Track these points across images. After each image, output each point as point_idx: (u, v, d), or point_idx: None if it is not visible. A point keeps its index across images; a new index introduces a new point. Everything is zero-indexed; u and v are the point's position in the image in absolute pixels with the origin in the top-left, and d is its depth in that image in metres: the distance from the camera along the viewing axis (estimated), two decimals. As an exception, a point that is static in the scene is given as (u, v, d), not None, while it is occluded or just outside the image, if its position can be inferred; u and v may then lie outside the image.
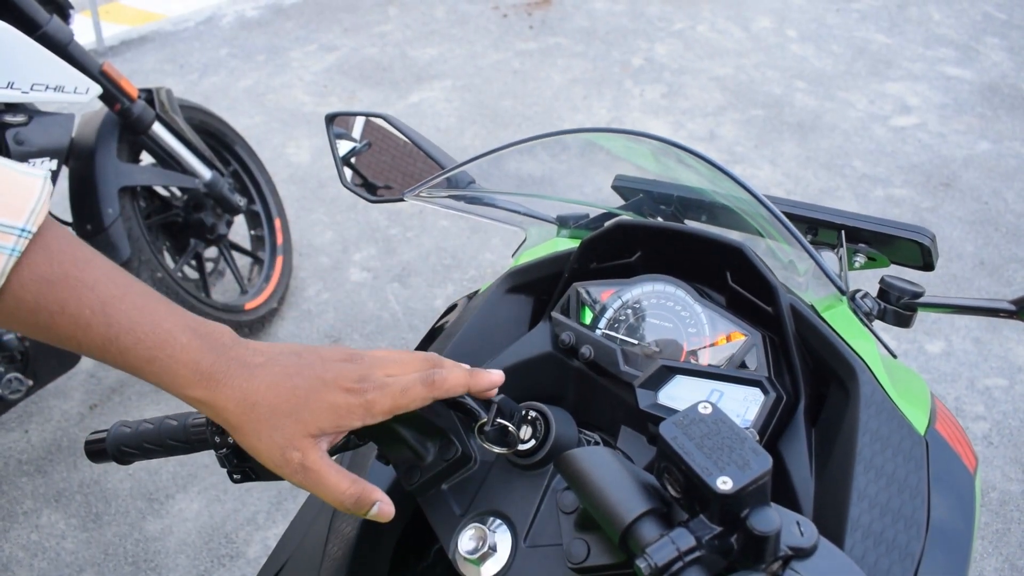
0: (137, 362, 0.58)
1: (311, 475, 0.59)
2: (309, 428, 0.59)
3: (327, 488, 0.60)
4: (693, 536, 0.48)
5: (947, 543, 0.64)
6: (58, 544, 2.04)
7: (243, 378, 0.59)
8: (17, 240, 0.53)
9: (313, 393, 0.59)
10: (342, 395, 0.59)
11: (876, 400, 0.68)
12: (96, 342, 0.57)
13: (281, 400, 0.59)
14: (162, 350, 0.57)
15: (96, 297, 0.56)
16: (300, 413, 0.59)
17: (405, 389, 0.61)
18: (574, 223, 1.05)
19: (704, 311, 0.79)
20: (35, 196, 0.55)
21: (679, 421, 0.50)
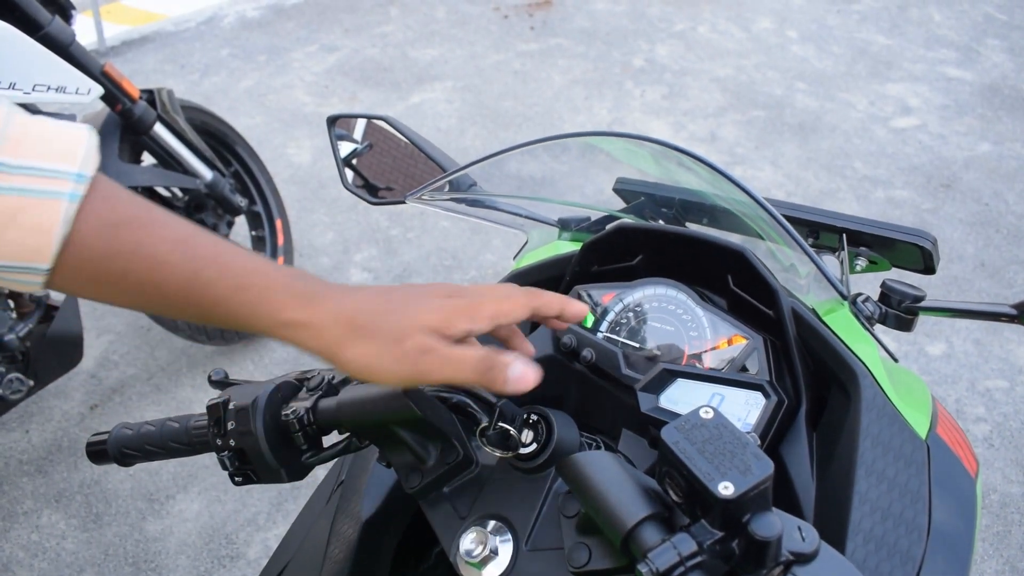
0: (225, 292, 0.54)
1: (434, 354, 0.55)
2: (416, 324, 0.56)
3: (459, 359, 0.56)
4: (695, 541, 0.48)
5: (948, 547, 0.64)
6: (58, 544, 2.04)
7: (340, 295, 0.57)
8: (75, 186, 0.50)
9: (414, 299, 0.57)
10: (445, 299, 0.58)
11: (877, 404, 0.69)
12: (178, 279, 0.54)
13: (383, 307, 0.56)
14: (251, 277, 0.55)
15: (171, 234, 0.54)
16: (406, 312, 0.56)
17: (508, 295, 0.60)
18: (575, 226, 1.05)
19: (705, 314, 0.79)
20: (84, 142, 0.52)
21: (681, 426, 0.50)
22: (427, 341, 0.56)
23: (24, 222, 0.49)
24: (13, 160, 0.49)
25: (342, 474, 0.87)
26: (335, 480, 0.88)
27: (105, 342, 2.64)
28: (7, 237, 0.49)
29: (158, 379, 2.50)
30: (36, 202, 0.49)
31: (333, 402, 0.69)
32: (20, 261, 0.50)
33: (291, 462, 0.70)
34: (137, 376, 2.52)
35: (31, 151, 0.50)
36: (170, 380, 2.50)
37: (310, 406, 0.70)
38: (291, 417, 0.69)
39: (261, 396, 0.70)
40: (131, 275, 0.53)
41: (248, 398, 0.70)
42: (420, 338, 0.56)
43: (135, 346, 2.62)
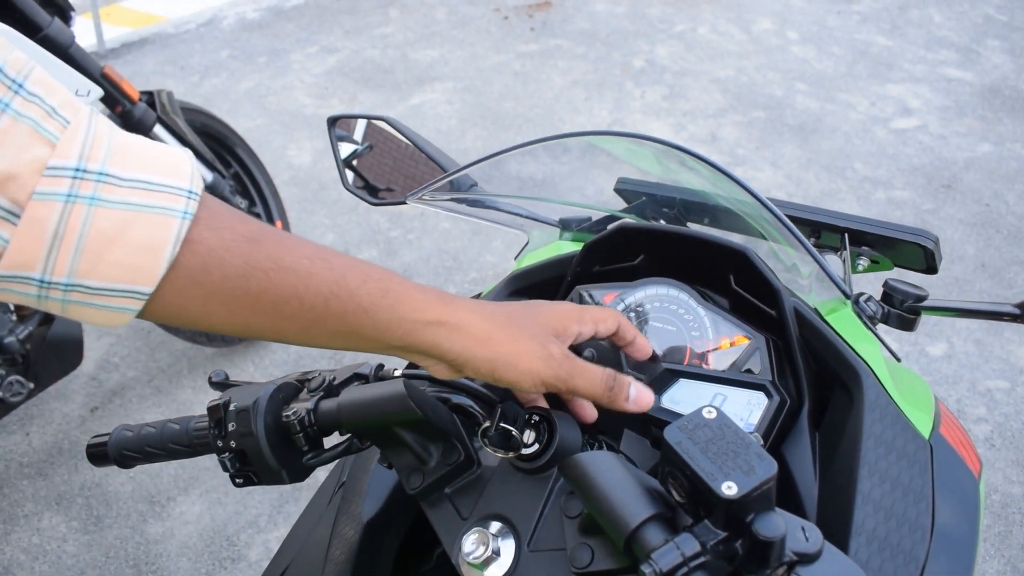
0: (370, 298, 0.54)
1: (574, 362, 0.61)
2: (546, 327, 0.61)
3: (592, 373, 0.61)
4: (698, 541, 0.48)
5: (951, 547, 0.64)
6: (59, 547, 2.04)
7: (474, 302, 0.60)
8: (188, 203, 0.47)
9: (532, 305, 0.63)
10: (554, 305, 0.64)
11: (880, 404, 0.68)
12: (321, 290, 0.52)
13: (513, 309, 0.61)
14: (392, 281, 0.56)
15: (307, 247, 0.53)
16: (534, 315, 0.61)
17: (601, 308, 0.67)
18: (576, 226, 1.05)
19: (707, 314, 0.79)
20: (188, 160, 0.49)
21: (684, 426, 0.50)
22: (565, 348, 0.61)
23: (133, 239, 0.45)
24: (124, 172, 0.46)
25: (343, 475, 0.87)
26: (336, 481, 0.88)
27: (105, 344, 2.64)
28: (112, 257, 0.45)
29: (158, 381, 2.50)
30: (148, 217, 0.45)
31: (334, 403, 0.69)
32: (121, 283, 0.46)
33: (292, 463, 0.70)
34: (137, 378, 2.52)
35: (140, 164, 0.47)
36: (170, 382, 2.49)
37: (311, 407, 0.69)
38: (292, 418, 0.69)
39: (262, 397, 0.70)
40: (269, 291, 0.51)
41: (249, 399, 0.70)
42: (555, 343, 0.61)
43: (135, 348, 2.62)
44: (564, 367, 0.60)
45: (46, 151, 0.43)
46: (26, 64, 0.45)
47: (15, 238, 0.43)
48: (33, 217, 0.43)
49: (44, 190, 0.43)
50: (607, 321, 0.66)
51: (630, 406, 0.63)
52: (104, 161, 0.45)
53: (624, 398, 0.62)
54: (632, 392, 0.63)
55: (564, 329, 0.62)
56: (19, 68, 0.44)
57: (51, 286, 0.45)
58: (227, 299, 0.50)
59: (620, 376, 0.63)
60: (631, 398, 0.63)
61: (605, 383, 0.62)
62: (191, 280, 0.48)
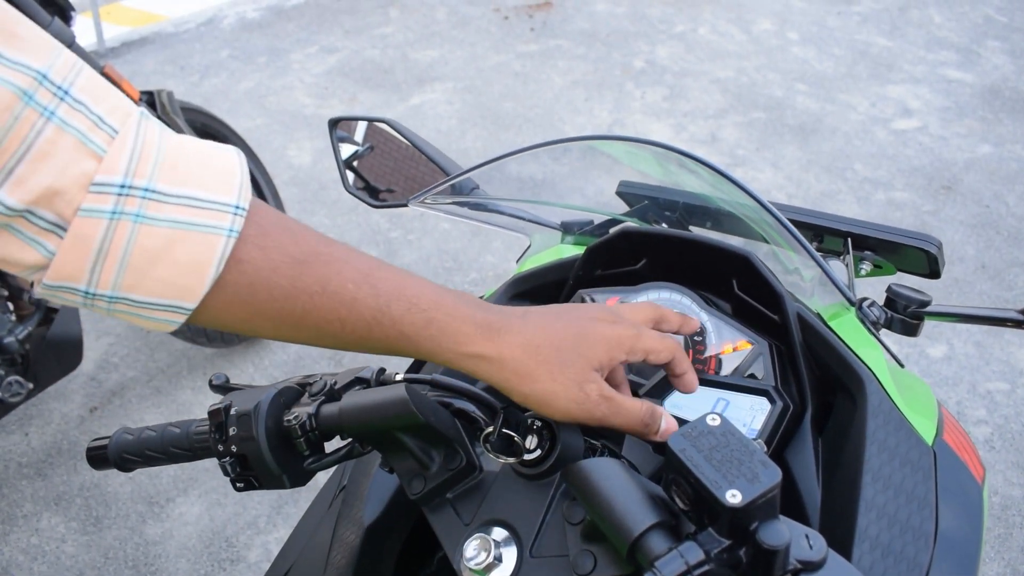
0: (413, 328, 0.54)
1: (613, 403, 0.59)
2: (591, 362, 0.59)
3: (628, 411, 0.60)
4: (702, 549, 0.47)
5: (955, 554, 0.63)
6: (58, 548, 2.03)
7: (520, 324, 0.58)
8: (234, 219, 0.47)
9: (585, 328, 0.59)
10: (610, 327, 0.60)
11: (884, 410, 0.68)
12: (364, 317, 0.53)
13: (561, 339, 0.58)
14: (438, 310, 0.55)
15: (355, 269, 0.53)
16: (581, 348, 0.58)
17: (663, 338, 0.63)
18: (578, 229, 1.05)
19: (710, 319, 0.79)
20: (238, 168, 0.49)
21: (688, 433, 0.50)
22: (605, 388, 0.59)
23: (179, 258, 0.46)
24: (170, 188, 0.46)
25: (344, 479, 0.87)
26: (337, 485, 0.87)
27: (105, 344, 2.63)
28: (157, 274, 0.46)
29: (158, 381, 2.50)
30: (193, 236, 0.45)
31: (335, 408, 0.68)
32: (166, 299, 0.47)
33: (293, 468, 0.70)
34: (137, 378, 2.51)
35: (187, 177, 0.46)
36: (170, 382, 2.49)
37: (312, 412, 0.69)
38: (293, 423, 0.68)
39: (263, 402, 0.69)
40: (313, 314, 0.52)
41: (250, 403, 0.69)
42: (598, 382, 0.59)
43: (135, 348, 2.62)
44: (600, 409, 0.59)
45: (92, 165, 0.43)
46: (73, 67, 0.44)
47: (61, 251, 0.44)
48: (78, 233, 0.43)
49: (90, 207, 0.43)
50: (661, 353, 0.63)
51: (659, 438, 0.63)
52: (151, 176, 0.45)
53: (655, 432, 0.62)
54: (663, 425, 0.62)
55: (611, 360, 0.60)
56: (65, 73, 0.43)
57: (96, 297, 0.46)
58: (272, 317, 0.51)
59: (656, 410, 0.62)
60: (662, 431, 0.62)
61: (642, 420, 0.61)
62: (236, 297, 0.49)
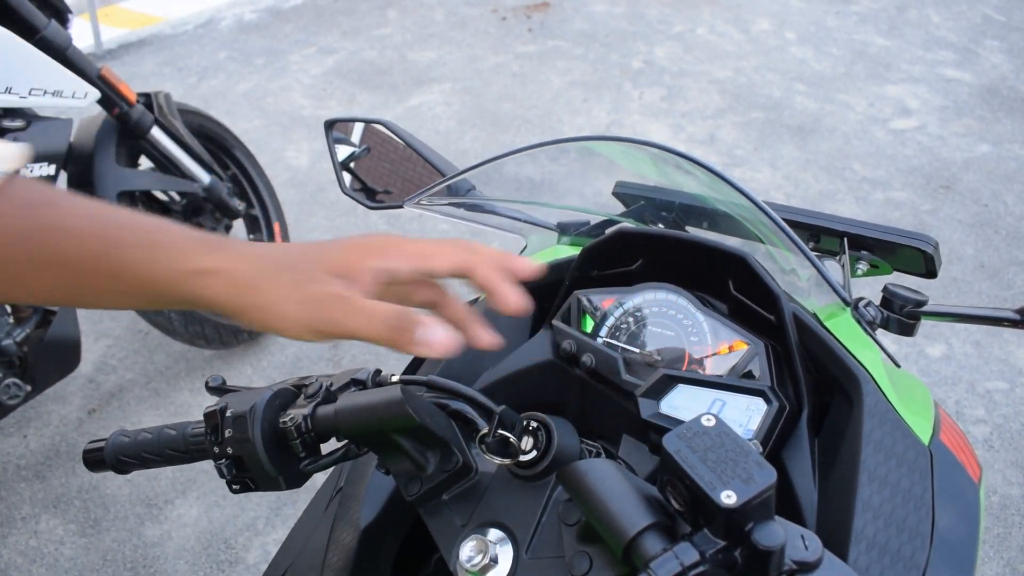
0: (140, 253, 0.54)
1: (343, 303, 0.52)
2: (329, 266, 0.53)
3: (365, 312, 0.52)
4: (697, 550, 0.47)
5: (952, 554, 0.63)
6: (56, 550, 2.03)
7: (248, 245, 0.55)
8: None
9: (321, 245, 0.55)
10: (363, 239, 0.55)
11: (880, 410, 0.68)
12: (89, 247, 0.54)
13: (296, 249, 0.54)
14: (164, 234, 0.55)
15: (86, 209, 0.55)
16: (315, 254, 0.54)
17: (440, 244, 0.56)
18: (575, 230, 1.05)
19: (706, 319, 0.78)
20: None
21: (683, 434, 0.50)
22: (335, 288, 0.52)
23: None
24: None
25: (340, 481, 0.87)
26: (333, 487, 0.87)
27: (103, 346, 2.63)
28: None
29: (156, 383, 2.50)
30: None
31: (331, 409, 0.68)
32: None
33: (289, 469, 0.70)
34: (135, 380, 2.51)
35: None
36: (168, 384, 2.49)
37: (308, 413, 0.69)
38: (289, 424, 0.68)
39: (259, 403, 0.69)
40: (43, 251, 0.54)
41: (246, 405, 0.69)
42: (328, 283, 0.52)
43: (133, 350, 2.62)
44: (328, 311, 0.52)
45: None
46: None
47: None
48: None
49: None
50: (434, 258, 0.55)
51: (419, 349, 0.53)
52: None
53: (409, 340, 0.52)
54: (423, 334, 0.53)
55: (359, 263, 0.53)
56: None
57: None
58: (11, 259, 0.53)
59: (409, 314, 0.52)
60: (418, 340, 0.53)
61: (387, 322, 0.52)
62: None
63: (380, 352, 2.58)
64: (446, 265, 0.56)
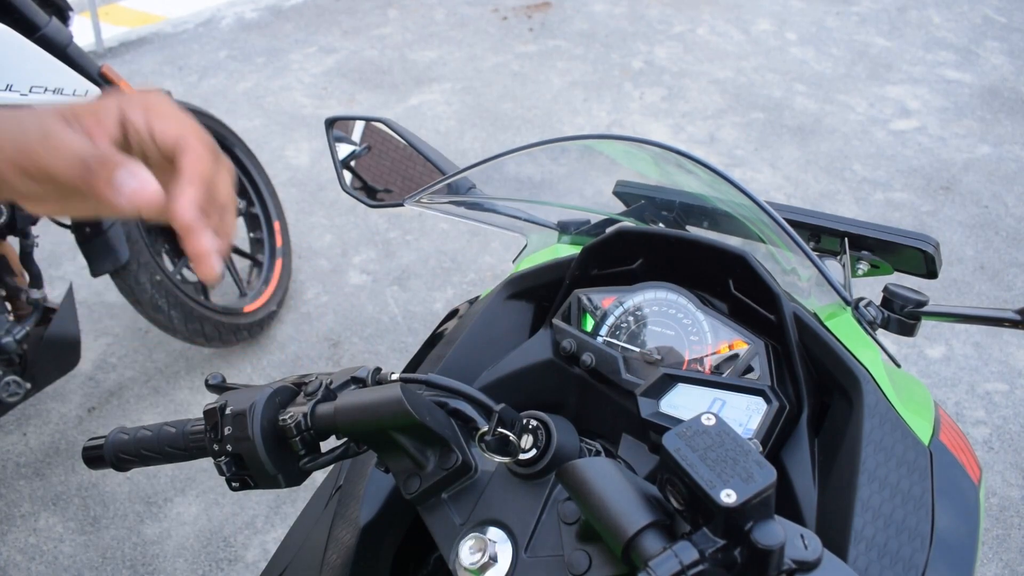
0: None
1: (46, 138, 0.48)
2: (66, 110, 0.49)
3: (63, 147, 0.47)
4: (696, 549, 0.47)
5: (951, 554, 0.63)
6: (56, 547, 2.03)
7: None
8: None
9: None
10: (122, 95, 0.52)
11: (880, 410, 0.68)
12: None
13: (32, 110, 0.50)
14: None
15: None
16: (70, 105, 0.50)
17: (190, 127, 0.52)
18: (575, 229, 1.04)
19: (706, 319, 0.78)
20: None
21: (682, 432, 0.50)
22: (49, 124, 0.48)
23: None
24: None
25: (340, 479, 0.86)
26: (333, 485, 0.87)
27: (103, 344, 2.63)
28: None
29: (156, 381, 2.49)
30: None
31: (331, 407, 0.68)
32: None
33: (289, 467, 0.70)
34: (135, 378, 2.51)
35: None
36: (168, 382, 2.49)
37: (308, 411, 0.69)
38: (289, 422, 0.68)
39: (258, 401, 0.69)
40: None
41: (245, 403, 0.69)
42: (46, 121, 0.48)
43: (133, 348, 2.62)
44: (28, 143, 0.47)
45: None
46: None
47: None
48: None
49: None
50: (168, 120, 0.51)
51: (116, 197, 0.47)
52: None
53: (106, 184, 0.47)
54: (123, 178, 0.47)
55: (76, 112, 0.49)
56: None
57: None
58: None
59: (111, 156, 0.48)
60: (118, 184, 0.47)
61: (83, 160, 0.47)
62: None
63: (380, 351, 2.58)
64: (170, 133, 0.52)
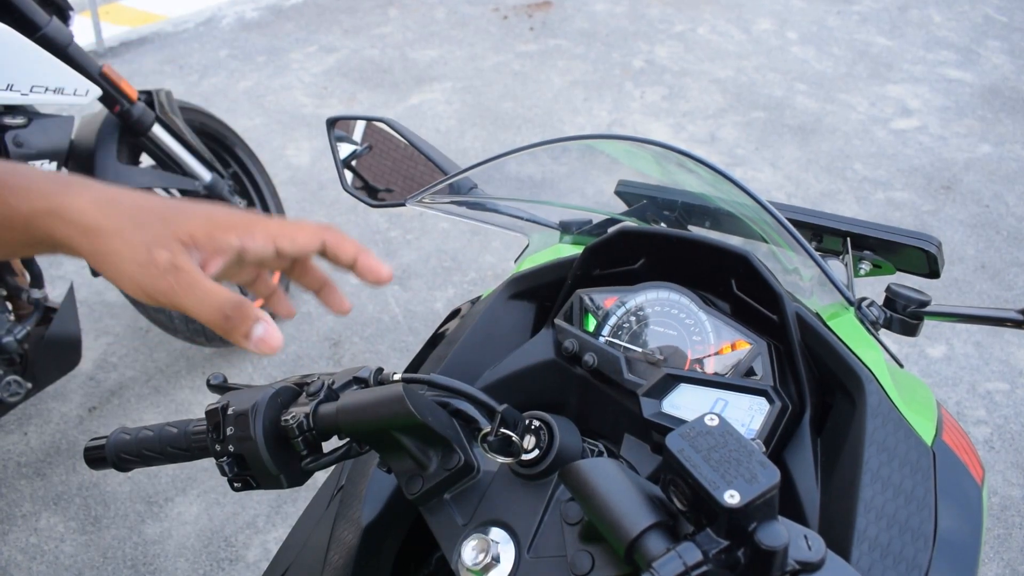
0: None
1: (183, 276, 0.51)
2: (176, 230, 0.52)
3: (202, 292, 0.52)
4: (700, 550, 0.47)
5: (954, 555, 0.63)
6: (57, 547, 2.03)
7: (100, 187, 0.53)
8: None
9: (184, 204, 0.54)
10: (219, 209, 0.55)
11: (883, 410, 0.68)
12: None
13: (150, 202, 0.53)
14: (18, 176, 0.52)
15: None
16: (169, 214, 0.53)
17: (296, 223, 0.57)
18: (577, 229, 1.04)
19: (709, 319, 0.78)
20: None
21: (686, 433, 0.50)
22: (180, 259, 0.52)
23: None
24: None
25: (342, 479, 0.86)
26: (335, 485, 0.87)
27: (104, 344, 2.63)
28: None
29: (157, 381, 2.49)
30: None
31: (333, 407, 0.68)
32: None
33: (291, 468, 0.70)
34: (136, 378, 2.51)
35: None
36: (169, 382, 2.49)
37: (310, 412, 0.69)
38: (291, 423, 0.68)
39: (260, 401, 0.69)
40: None
41: (247, 403, 0.69)
42: (175, 252, 0.51)
43: (134, 348, 2.62)
44: (165, 280, 0.51)
45: None
46: None
47: None
48: None
49: None
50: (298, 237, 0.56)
51: (249, 345, 0.53)
52: None
53: (244, 334, 0.53)
54: (258, 331, 0.53)
55: (208, 235, 0.53)
56: None
57: None
58: None
59: (246, 306, 0.52)
60: (253, 336, 0.53)
61: (222, 309, 0.52)
62: None
63: (381, 351, 2.58)
64: (303, 243, 0.57)
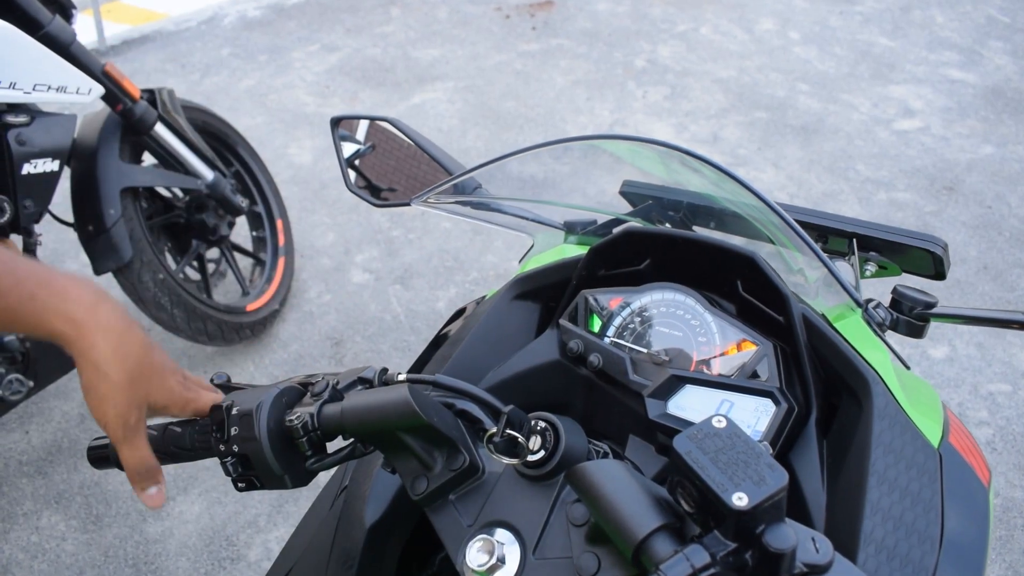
0: (18, 300, 0.62)
1: (136, 432, 0.67)
2: (151, 397, 0.68)
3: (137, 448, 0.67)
4: (707, 552, 0.47)
5: (961, 557, 0.63)
6: (58, 546, 2.03)
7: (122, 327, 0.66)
8: None
9: (165, 371, 0.69)
10: (178, 384, 0.71)
11: (889, 412, 0.68)
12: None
13: (147, 362, 0.67)
14: (44, 288, 0.63)
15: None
16: (152, 381, 0.68)
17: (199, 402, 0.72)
18: (582, 229, 1.04)
19: (714, 320, 0.78)
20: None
21: (693, 435, 0.49)
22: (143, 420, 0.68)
23: None
24: None
25: (345, 479, 0.86)
26: (339, 486, 0.87)
27: (105, 342, 2.62)
28: None
29: (158, 380, 2.49)
30: None
31: (337, 408, 0.68)
32: None
33: (295, 468, 0.69)
34: (137, 377, 2.51)
35: None
36: (170, 381, 2.48)
37: (314, 412, 0.69)
38: (295, 423, 0.68)
39: (265, 401, 0.69)
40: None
41: (252, 403, 0.69)
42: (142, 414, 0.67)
43: (135, 346, 2.61)
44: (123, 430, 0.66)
45: None
46: None
47: None
48: None
49: None
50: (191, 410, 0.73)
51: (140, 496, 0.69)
52: None
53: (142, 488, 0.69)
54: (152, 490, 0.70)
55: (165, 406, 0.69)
56: None
57: None
58: None
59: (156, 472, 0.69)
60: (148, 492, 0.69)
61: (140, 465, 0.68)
62: None
63: (383, 351, 2.58)
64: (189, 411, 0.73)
